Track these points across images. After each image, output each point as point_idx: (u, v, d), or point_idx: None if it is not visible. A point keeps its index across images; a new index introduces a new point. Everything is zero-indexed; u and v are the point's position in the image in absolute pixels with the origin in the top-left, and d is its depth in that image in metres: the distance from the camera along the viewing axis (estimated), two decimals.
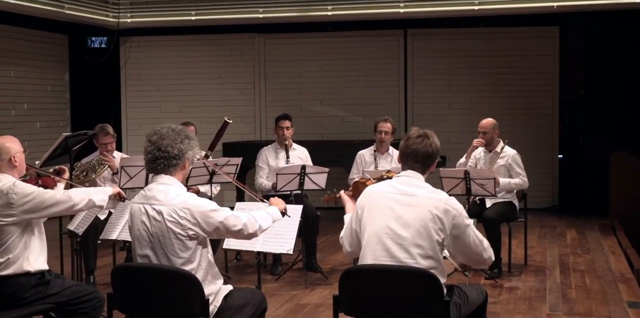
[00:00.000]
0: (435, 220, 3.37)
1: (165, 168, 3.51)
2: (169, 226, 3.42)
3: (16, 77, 10.00)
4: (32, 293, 3.99)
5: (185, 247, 3.44)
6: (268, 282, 6.31)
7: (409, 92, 10.68)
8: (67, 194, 4.13)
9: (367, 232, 3.46)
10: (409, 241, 3.37)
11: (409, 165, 3.52)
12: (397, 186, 3.49)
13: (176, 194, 3.48)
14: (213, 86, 11.06)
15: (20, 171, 4.13)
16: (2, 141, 4.11)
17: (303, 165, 6.55)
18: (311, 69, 10.85)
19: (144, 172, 6.19)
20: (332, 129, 10.73)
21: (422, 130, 3.53)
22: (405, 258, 3.36)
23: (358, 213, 3.54)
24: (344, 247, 3.64)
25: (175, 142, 3.50)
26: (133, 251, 3.57)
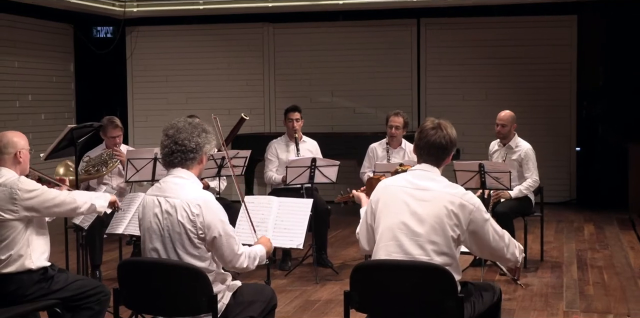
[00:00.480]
0: (451, 215, 3.35)
1: (182, 162, 3.53)
2: (180, 221, 3.43)
3: (20, 68, 10.02)
4: (35, 289, 4.00)
5: (194, 246, 3.44)
6: (277, 278, 6.31)
7: (422, 83, 10.65)
8: (72, 196, 4.14)
9: (381, 227, 3.45)
10: (423, 237, 3.36)
11: (423, 158, 3.51)
12: (411, 180, 3.48)
13: (192, 189, 3.49)
14: (221, 77, 11.06)
15: (23, 169, 4.13)
16: (10, 135, 4.12)
17: (313, 158, 6.55)
18: (322, 60, 10.83)
19: (150, 165, 6.20)
20: (343, 120, 10.72)
21: (437, 121, 3.50)
22: (419, 254, 3.35)
23: (372, 207, 3.54)
24: (360, 243, 3.63)
25: (192, 136, 3.51)
26: (142, 244, 3.57)
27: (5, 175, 4.03)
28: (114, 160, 6.35)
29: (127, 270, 3.56)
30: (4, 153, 4.06)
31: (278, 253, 6.83)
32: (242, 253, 3.52)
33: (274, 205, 4.76)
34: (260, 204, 4.75)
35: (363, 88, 10.72)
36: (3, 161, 4.07)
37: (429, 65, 10.63)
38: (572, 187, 10.42)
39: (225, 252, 3.46)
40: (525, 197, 6.62)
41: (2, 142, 4.07)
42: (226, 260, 3.49)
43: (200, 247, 3.44)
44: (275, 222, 4.69)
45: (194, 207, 3.43)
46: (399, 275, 3.33)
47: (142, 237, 3.57)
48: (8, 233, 3.96)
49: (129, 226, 5.02)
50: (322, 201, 6.75)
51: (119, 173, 6.51)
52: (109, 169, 6.33)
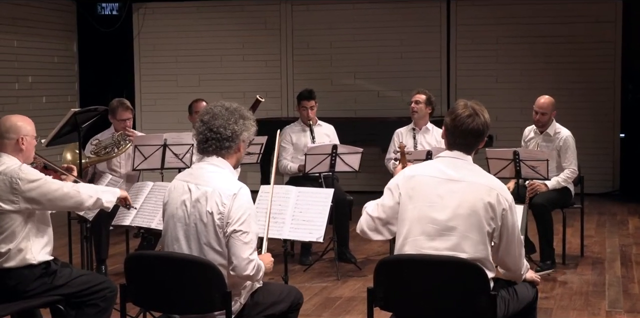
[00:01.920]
0: (487, 208, 3.34)
1: (216, 151, 3.53)
2: (209, 211, 3.44)
3: (20, 48, 10.07)
4: (37, 285, 4.01)
5: (218, 240, 3.45)
6: (296, 273, 6.33)
7: (451, 63, 10.59)
8: (76, 188, 4.12)
9: (408, 219, 3.43)
10: (456, 231, 3.35)
11: (456, 145, 3.49)
12: (443, 169, 3.46)
13: (227, 179, 3.50)
14: (235, 57, 11.06)
15: (27, 157, 4.12)
16: (14, 119, 4.11)
17: (334, 145, 6.54)
18: (343, 39, 10.79)
19: (159, 152, 6.23)
20: (366, 104, 10.69)
21: (470, 105, 3.47)
22: (450, 249, 3.34)
23: (393, 193, 3.51)
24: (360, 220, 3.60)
25: (228, 123, 3.51)
26: (164, 232, 3.57)
27: (6, 162, 4.03)
28: (127, 142, 6.36)
29: (134, 265, 3.57)
30: (5, 138, 4.05)
31: (297, 247, 6.85)
32: (253, 260, 3.46)
33: (291, 195, 4.76)
34: (277, 194, 4.75)
35: (388, 70, 10.68)
36: (4, 147, 4.07)
37: (459, 45, 10.56)
38: (615, 177, 10.34)
39: (237, 252, 3.42)
40: (565, 187, 6.57)
41: (4, 125, 4.07)
42: (234, 260, 3.43)
43: (222, 241, 3.44)
44: (293, 213, 4.69)
45: (226, 198, 3.43)
46: (427, 271, 3.33)
47: (165, 225, 3.57)
48: (7, 225, 3.97)
49: (137, 217, 5.04)
50: (343, 191, 6.75)
51: (129, 158, 6.52)
52: (120, 151, 6.34)
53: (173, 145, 6.27)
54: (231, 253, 3.43)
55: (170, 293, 3.49)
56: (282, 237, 4.68)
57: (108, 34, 10.94)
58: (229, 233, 3.43)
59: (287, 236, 4.66)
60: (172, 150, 6.27)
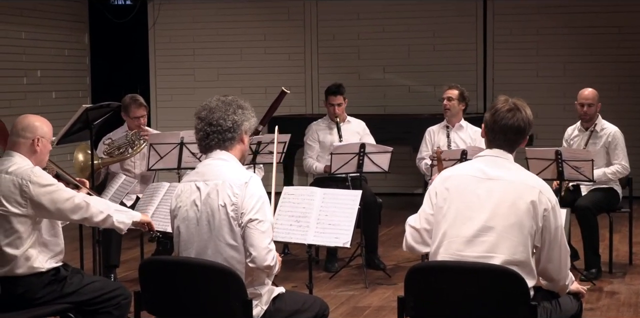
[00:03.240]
0: (529, 207, 3.34)
1: (219, 144, 3.59)
2: (221, 205, 3.48)
3: (28, 40, 10.15)
4: (46, 292, 4.05)
5: (233, 233, 3.48)
6: (321, 281, 6.34)
7: (488, 56, 10.55)
8: (88, 201, 4.14)
9: (444, 223, 3.44)
10: (492, 231, 3.35)
11: (496, 143, 3.50)
12: (482, 168, 3.47)
13: (236, 170, 3.56)
14: (256, 50, 11.08)
15: (40, 160, 4.15)
16: (32, 118, 4.15)
17: (362, 144, 6.54)
18: (372, 30, 10.78)
19: (176, 151, 6.25)
20: (396, 100, 10.68)
21: (511, 101, 3.49)
22: (487, 251, 3.34)
23: (432, 198, 3.52)
24: (405, 237, 3.62)
25: (227, 114, 3.57)
26: (175, 240, 3.61)
27: (18, 163, 4.06)
28: (141, 141, 6.40)
29: (149, 271, 3.60)
30: (21, 136, 4.09)
31: (322, 253, 6.85)
32: (272, 249, 3.53)
33: (316, 197, 4.77)
34: (301, 196, 4.77)
35: (420, 63, 10.66)
36: (18, 146, 4.11)
37: (497, 36, 10.52)
38: None
39: (255, 241, 3.47)
40: (611, 189, 6.52)
41: (21, 123, 4.11)
42: (253, 251, 3.48)
43: (237, 234, 3.48)
44: (318, 216, 4.70)
45: (237, 188, 3.48)
46: (461, 279, 3.32)
47: (176, 231, 3.60)
48: (14, 230, 3.99)
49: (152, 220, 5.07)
50: (372, 193, 6.75)
51: (144, 157, 6.56)
52: (135, 151, 6.38)
53: (190, 143, 6.29)
54: (249, 244, 3.47)
55: (187, 301, 3.51)
56: (307, 242, 4.68)
57: (121, 25, 11.00)
58: (245, 223, 3.47)
59: (311, 241, 4.67)
60: (189, 148, 6.30)
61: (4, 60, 9.72)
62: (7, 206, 3.98)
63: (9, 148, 4.15)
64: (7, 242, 3.99)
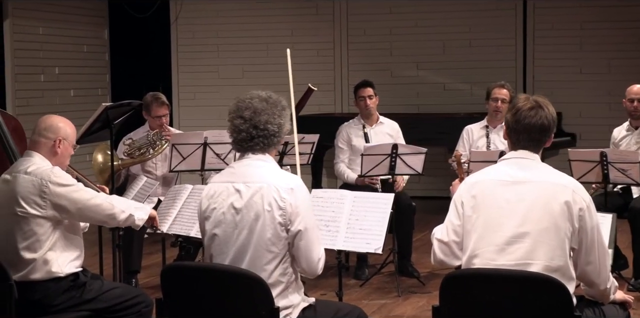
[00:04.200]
0: (563, 208, 3.33)
1: (264, 148, 3.61)
2: (267, 209, 3.49)
3: (45, 35, 10.24)
4: (64, 299, 4.07)
5: (277, 240, 3.49)
6: (351, 288, 6.33)
7: (528, 52, 10.50)
8: (109, 201, 4.20)
9: (474, 231, 3.43)
10: (527, 237, 3.34)
11: (521, 143, 3.49)
12: (508, 171, 3.46)
13: (279, 173, 3.58)
14: (283, 46, 11.01)
15: (60, 163, 4.19)
16: (55, 119, 4.20)
17: (395, 144, 6.53)
18: (404, 25, 10.77)
19: (199, 152, 6.28)
20: (431, 99, 10.66)
21: (532, 98, 3.49)
22: (523, 258, 3.32)
23: (458, 208, 3.51)
24: (433, 251, 3.61)
25: (273, 117, 3.58)
26: (208, 245, 3.61)
27: (38, 163, 4.11)
28: (163, 142, 6.43)
29: (172, 277, 3.61)
30: (42, 136, 4.14)
31: (352, 259, 6.85)
32: (322, 257, 3.59)
33: (346, 200, 4.76)
34: (330, 199, 4.76)
35: (455, 59, 10.63)
36: (39, 146, 4.15)
37: (537, 31, 10.46)
38: None
39: (308, 253, 3.52)
40: None
41: (44, 123, 4.17)
42: (303, 262, 3.54)
43: (281, 241, 3.50)
44: (348, 221, 4.70)
45: (284, 192, 3.49)
46: (499, 288, 3.31)
47: (209, 234, 3.59)
48: (32, 232, 4.03)
49: (175, 224, 5.10)
50: (405, 196, 6.73)
51: (165, 158, 6.59)
52: (156, 152, 6.41)
53: (214, 143, 6.32)
54: (300, 255, 3.52)
55: (211, 309, 3.52)
56: (336, 248, 4.68)
57: (142, 20, 11.06)
58: (295, 233, 3.49)
59: (341, 246, 4.66)
60: (213, 149, 6.32)
61: (21, 57, 9.81)
62: (25, 207, 4.02)
63: (29, 148, 4.20)
64: (25, 245, 4.02)
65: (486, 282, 3.33)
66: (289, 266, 3.55)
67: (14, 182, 4.06)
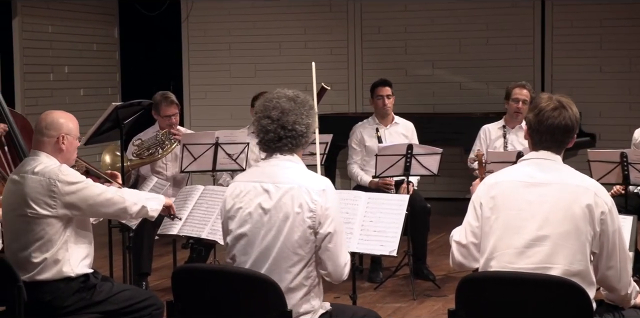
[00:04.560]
0: (585, 211, 3.32)
1: (292, 149, 3.62)
2: (295, 211, 3.49)
3: (55, 33, 10.28)
4: (74, 300, 4.09)
5: (305, 241, 3.50)
6: (365, 291, 6.33)
7: (547, 50, 10.47)
8: (120, 194, 4.20)
9: (492, 233, 3.42)
10: (547, 240, 3.33)
11: (543, 144, 3.48)
12: (529, 172, 3.45)
13: (309, 174, 3.59)
14: (296, 44, 11.11)
15: (67, 158, 4.20)
16: (56, 115, 4.20)
17: (410, 145, 6.52)
18: (419, 23, 10.76)
19: (210, 152, 6.29)
20: (447, 98, 10.64)
21: (555, 98, 3.47)
22: (542, 261, 3.32)
23: (476, 209, 3.51)
24: (452, 253, 3.61)
25: (301, 117, 3.59)
26: (232, 244, 3.60)
27: (45, 162, 4.12)
28: (172, 141, 6.44)
29: (183, 279, 3.62)
30: (45, 135, 4.15)
31: (366, 262, 6.85)
32: (348, 262, 3.60)
33: (360, 202, 4.76)
34: (343, 201, 4.75)
35: (472, 58, 10.61)
36: (43, 145, 4.17)
37: (556, 28, 10.43)
38: None
39: (333, 257, 3.53)
40: None
41: (44, 121, 4.17)
42: (330, 266, 3.55)
43: (308, 244, 3.51)
44: (362, 222, 4.69)
45: (316, 194, 3.50)
46: (517, 291, 3.30)
47: (234, 233, 3.59)
48: (43, 232, 4.04)
49: (186, 226, 5.11)
50: (420, 198, 6.73)
51: (175, 159, 6.61)
52: (165, 152, 6.43)
53: (226, 144, 6.33)
54: (326, 259, 3.53)
55: (223, 312, 3.53)
56: (350, 250, 4.64)
57: (153, 18, 11.09)
58: (325, 235, 3.50)
59: (355, 249, 4.65)
60: (225, 149, 6.34)
61: (30, 56, 9.85)
62: (35, 208, 4.03)
63: (34, 147, 4.21)
64: (36, 246, 4.04)
65: (504, 285, 3.32)
66: (313, 270, 3.56)
67: (22, 183, 4.07)
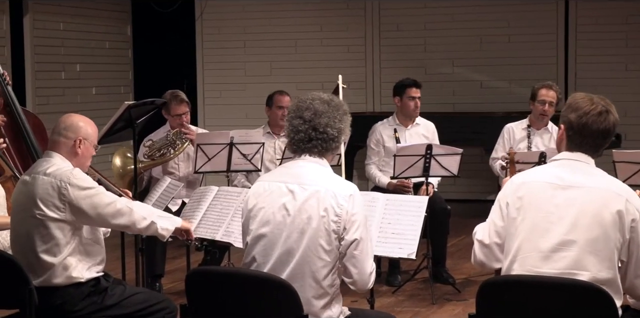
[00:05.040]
0: (615, 217, 3.30)
1: (321, 152, 3.63)
2: (321, 214, 3.50)
3: (66, 31, 10.31)
4: (85, 304, 4.10)
5: (330, 245, 3.50)
6: (383, 296, 6.33)
7: (570, 48, 10.43)
8: (130, 206, 4.19)
9: (517, 235, 3.41)
10: (574, 246, 3.31)
11: (583, 147, 3.46)
12: (559, 174, 3.43)
13: (336, 178, 3.61)
14: (312, 42, 11.11)
15: (81, 164, 4.21)
16: (76, 118, 4.22)
17: (429, 145, 6.51)
18: (439, 19, 10.74)
19: (225, 152, 6.29)
20: (467, 97, 10.62)
21: (597, 101, 3.43)
22: (568, 267, 3.30)
23: (502, 209, 3.50)
24: (474, 251, 3.60)
25: (334, 121, 3.62)
26: (252, 244, 3.61)
27: (58, 163, 4.13)
28: (184, 141, 6.45)
29: (197, 282, 3.62)
30: (62, 135, 4.17)
31: (384, 265, 6.84)
32: (373, 271, 3.61)
33: (378, 203, 4.76)
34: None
35: (493, 56, 10.58)
36: (58, 146, 4.18)
37: (580, 25, 10.39)
38: None
39: (360, 264, 3.54)
40: None
41: (64, 122, 4.19)
42: (355, 274, 3.56)
43: (333, 250, 3.51)
44: (380, 224, 4.69)
45: (342, 199, 3.51)
46: (540, 296, 3.28)
47: (254, 233, 3.60)
48: (51, 236, 4.04)
49: (200, 228, 5.12)
50: (440, 199, 6.72)
51: (188, 159, 6.61)
52: (177, 152, 6.43)
53: (241, 144, 6.34)
54: (351, 266, 3.54)
55: (237, 316, 3.53)
56: None
57: (167, 15, 11.11)
58: (350, 242, 3.51)
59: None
60: (240, 149, 6.34)
61: (41, 54, 9.89)
62: (44, 210, 4.04)
63: (49, 148, 4.22)
64: (44, 249, 4.04)
65: (526, 290, 3.31)
66: (337, 278, 3.57)
67: (32, 184, 4.08)
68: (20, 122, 5.63)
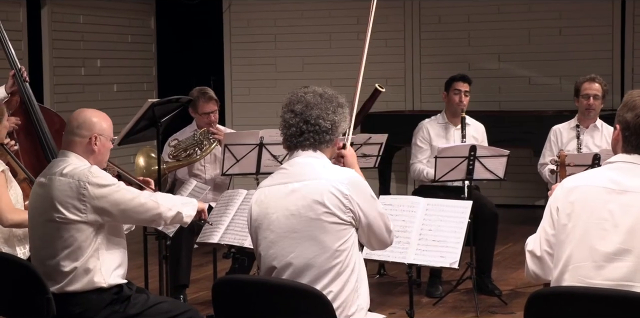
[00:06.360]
0: None
1: (314, 145, 3.68)
2: (329, 208, 3.53)
3: (86, 24, 10.38)
4: (107, 313, 4.12)
5: (337, 237, 3.55)
6: (424, 307, 6.32)
7: (627, 41, 10.37)
8: (154, 199, 4.23)
9: (568, 243, 3.39)
10: (629, 255, 3.28)
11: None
12: (614, 178, 3.39)
13: (333, 168, 3.67)
14: (347, 36, 11.11)
15: (98, 161, 4.24)
16: (89, 114, 4.25)
17: (473, 146, 6.49)
18: (484, 11, 10.72)
19: (254, 153, 6.31)
20: (514, 94, 10.59)
21: None
22: (623, 279, 3.28)
23: (552, 215, 3.48)
24: (526, 263, 3.58)
25: (326, 113, 3.66)
26: (265, 251, 3.64)
27: (74, 163, 4.16)
28: (211, 141, 6.46)
29: (224, 291, 3.63)
30: (76, 134, 4.19)
31: (424, 275, 6.83)
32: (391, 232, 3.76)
33: (419, 208, 4.75)
34: (400, 207, 4.76)
35: (542, 50, 10.55)
36: (73, 145, 4.21)
37: (637, 17, 10.34)
38: None
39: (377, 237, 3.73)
40: None
41: (76, 120, 4.22)
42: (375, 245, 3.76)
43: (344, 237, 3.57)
44: (420, 231, 4.69)
45: (345, 187, 3.56)
46: (594, 309, 3.26)
47: (261, 241, 3.64)
48: (72, 239, 4.07)
49: (227, 234, 5.13)
50: (490, 203, 6.69)
51: (215, 160, 6.63)
52: (204, 153, 6.44)
53: (271, 144, 6.34)
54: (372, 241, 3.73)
55: None
56: (407, 262, 4.67)
57: (192, 7, 11.16)
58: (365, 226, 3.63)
59: (412, 260, 4.65)
60: (270, 150, 6.35)
61: (60, 48, 9.96)
62: (64, 212, 4.07)
63: (63, 147, 4.25)
64: (65, 254, 4.07)
65: (579, 302, 3.27)
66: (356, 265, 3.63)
67: (49, 186, 4.11)
68: (36, 122, 5.67)
